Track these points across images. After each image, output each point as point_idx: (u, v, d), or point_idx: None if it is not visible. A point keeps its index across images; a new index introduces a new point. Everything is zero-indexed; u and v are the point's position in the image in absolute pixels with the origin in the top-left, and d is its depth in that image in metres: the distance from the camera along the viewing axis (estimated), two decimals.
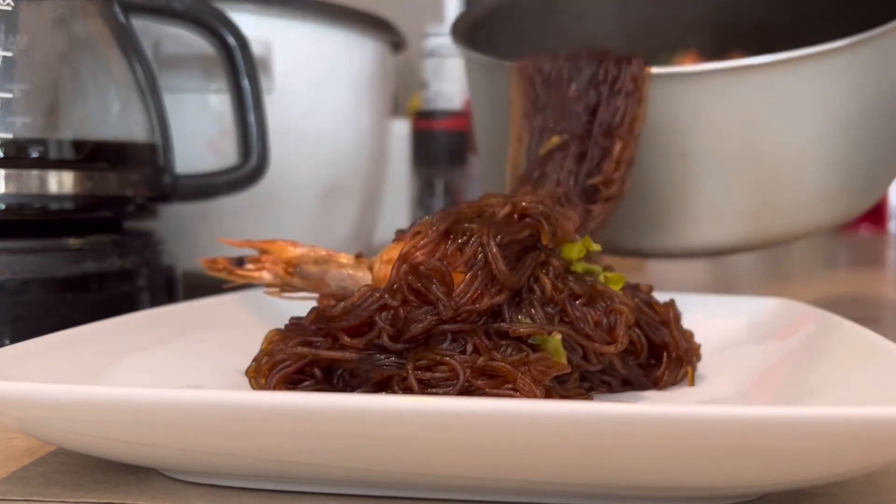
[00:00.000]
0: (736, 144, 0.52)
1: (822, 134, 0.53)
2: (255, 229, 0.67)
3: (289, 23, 0.67)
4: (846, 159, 0.55)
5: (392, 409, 0.23)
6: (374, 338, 0.33)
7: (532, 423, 0.22)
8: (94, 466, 0.29)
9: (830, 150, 0.54)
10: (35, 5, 0.47)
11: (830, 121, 0.53)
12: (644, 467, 0.23)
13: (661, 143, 0.52)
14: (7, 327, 0.45)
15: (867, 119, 0.54)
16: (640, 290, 0.40)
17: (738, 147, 0.53)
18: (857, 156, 0.55)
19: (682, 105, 0.52)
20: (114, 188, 0.50)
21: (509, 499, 0.26)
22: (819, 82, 0.52)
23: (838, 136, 0.54)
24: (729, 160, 0.53)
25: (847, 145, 0.54)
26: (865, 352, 0.33)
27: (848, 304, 0.70)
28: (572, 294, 0.34)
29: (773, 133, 0.52)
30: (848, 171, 0.55)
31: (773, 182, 0.54)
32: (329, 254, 0.39)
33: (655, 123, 0.51)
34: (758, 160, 0.53)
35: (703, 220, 0.54)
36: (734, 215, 0.54)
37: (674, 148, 0.52)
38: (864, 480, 0.28)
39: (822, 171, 0.54)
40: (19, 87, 0.46)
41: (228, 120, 0.61)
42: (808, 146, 0.53)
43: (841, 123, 0.53)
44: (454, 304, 0.32)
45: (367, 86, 0.72)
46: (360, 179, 0.73)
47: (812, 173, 0.54)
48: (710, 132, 0.52)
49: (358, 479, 0.26)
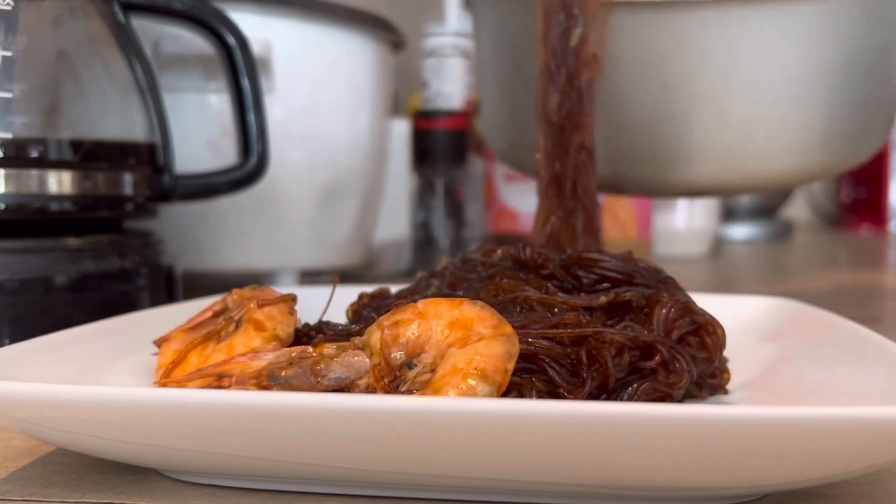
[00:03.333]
0: (714, 78, 0.53)
1: (800, 77, 0.53)
2: (255, 229, 0.67)
3: (289, 23, 0.67)
4: (826, 109, 0.55)
5: (392, 409, 0.23)
6: None
7: (532, 423, 0.22)
8: (93, 467, 0.29)
9: (809, 96, 0.54)
10: (35, 5, 0.47)
11: (810, 65, 0.53)
12: (644, 467, 0.23)
13: (642, 73, 0.53)
14: (6, 327, 0.45)
15: (850, 71, 0.55)
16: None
17: (716, 81, 0.53)
18: (838, 108, 0.55)
19: (662, 34, 0.52)
20: (113, 188, 0.50)
21: (509, 499, 0.26)
22: (800, 24, 0.52)
23: (818, 83, 0.54)
24: (707, 94, 0.53)
25: (827, 95, 0.54)
26: (865, 352, 0.33)
27: (848, 303, 0.70)
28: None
29: (751, 69, 0.53)
30: (828, 122, 0.55)
31: (750, 121, 0.54)
32: (302, 350, 0.31)
33: (636, 53, 0.52)
34: (735, 96, 0.53)
35: (680, 155, 0.55)
36: (712, 153, 0.55)
37: (654, 78, 0.53)
38: (864, 480, 0.28)
39: (799, 117, 0.54)
40: (19, 86, 0.46)
41: (228, 120, 0.61)
42: (786, 88, 0.54)
43: (821, 70, 0.54)
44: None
45: (367, 86, 0.72)
46: (359, 179, 0.73)
47: (789, 117, 0.54)
48: (689, 63, 0.52)
49: (358, 479, 0.26)
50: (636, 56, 0.52)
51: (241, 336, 0.35)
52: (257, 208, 0.66)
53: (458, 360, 0.28)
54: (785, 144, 0.55)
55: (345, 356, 0.30)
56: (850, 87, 0.55)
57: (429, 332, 0.29)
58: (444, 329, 0.29)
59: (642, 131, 0.55)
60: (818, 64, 0.54)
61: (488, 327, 0.29)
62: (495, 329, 0.29)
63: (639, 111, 0.54)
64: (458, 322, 0.29)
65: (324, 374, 0.29)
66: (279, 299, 0.36)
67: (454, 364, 0.28)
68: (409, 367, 0.28)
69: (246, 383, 0.30)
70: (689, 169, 0.56)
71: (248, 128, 0.58)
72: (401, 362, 0.29)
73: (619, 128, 0.54)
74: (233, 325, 0.36)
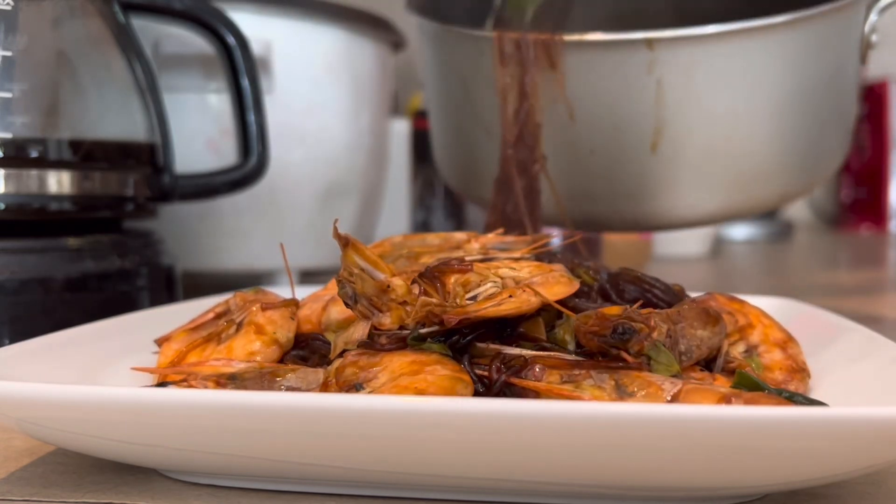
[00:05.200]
0: (669, 115, 0.53)
1: (755, 109, 0.53)
2: (255, 229, 0.67)
3: (289, 23, 0.66)
4: (782, 140, 0.55)
5: (391, 409, 0.23)
6: None
7: (532, 424, 0.22)
8: (93, 467, 0.29)
9: (764, 128, 0.54)
10: (35, 5, 0.47)
11: (765, 98, 0.53)
12: (644, 467, 0.23)
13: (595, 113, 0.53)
14: (6, 327, 0.45)
15: (804, 100, 0.55)
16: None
17: (671, 118, 0.53)
18: (794, 138, 0.55)
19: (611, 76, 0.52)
20: (113, 188, 0.50)
21: (509, 499, 0.26)
22: (753, 57, 0.52)
23: (773, 115, 0.54)
24: (660, 133, 0.53)
25: (783, 126, 0.54)
26: (866, 351, 0.33)
27: (848, 303, 0.70)
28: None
29: (706, 105, 0.53)
30: (784, 152, 0.55)
31: (706, 155, 0.54)
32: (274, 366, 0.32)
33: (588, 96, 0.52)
34: (691, 130, 0.53)
35: (640, 191, 0.55)
36: (671, 188, 0.55)
37: (605, 119, 0.53)
38: (864, 480, 0.28)
39: (755, 148, 0.54)
40: (19, 86, 0.46)
41: (228, 120, 0.61)
42: (741, 121, 0.54)
43: (776, 102, 0.54)
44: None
45: (366, 85, 0.72)
46: (360, 179, 0.73)
47: (744, 149, 0.54)
48: (640, 104, 0.52)
49: (357, 479, 0.26)
50: (588, 96, 0.52)
51: (241, 339, 0.35)
52: (257, 208, 0.66)
53: (403, 380, 0.29)
54: (742, 177, 0.55)
55: (302, 371, 0.31)
56: (806, 114, 0.55)
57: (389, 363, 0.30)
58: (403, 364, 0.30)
59: (597, 169, 0.55)
60: (773, 95, 0.54)
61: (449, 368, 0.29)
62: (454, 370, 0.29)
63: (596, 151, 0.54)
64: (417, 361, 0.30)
65: (279, 383, 0.31)
66: (282, 304, 0.36)
67: (397, 383, 0.28)
68: (356, 389, 0.29)
69: (206, 381, 0.32)
70: (649, 204, 0.56)
71: (248, 128, 0.58)
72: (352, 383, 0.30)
73: (575, 166, 0.55)
74: (234, 328, 0.36)
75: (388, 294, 0.30)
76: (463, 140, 0.60)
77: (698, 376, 0.31)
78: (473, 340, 0.31)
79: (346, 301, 0.31)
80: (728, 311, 0.37)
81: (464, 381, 0.29)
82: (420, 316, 0.29)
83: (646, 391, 0.28)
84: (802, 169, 0.57)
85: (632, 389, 0.28)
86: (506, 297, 0.30)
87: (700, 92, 0.52)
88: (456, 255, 0.38)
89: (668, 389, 0.27)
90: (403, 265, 0.38)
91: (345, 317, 0.35)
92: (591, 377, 0.28)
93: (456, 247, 0.39)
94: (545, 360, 0.29)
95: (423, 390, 0.27)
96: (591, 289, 0.37)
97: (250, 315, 0.35)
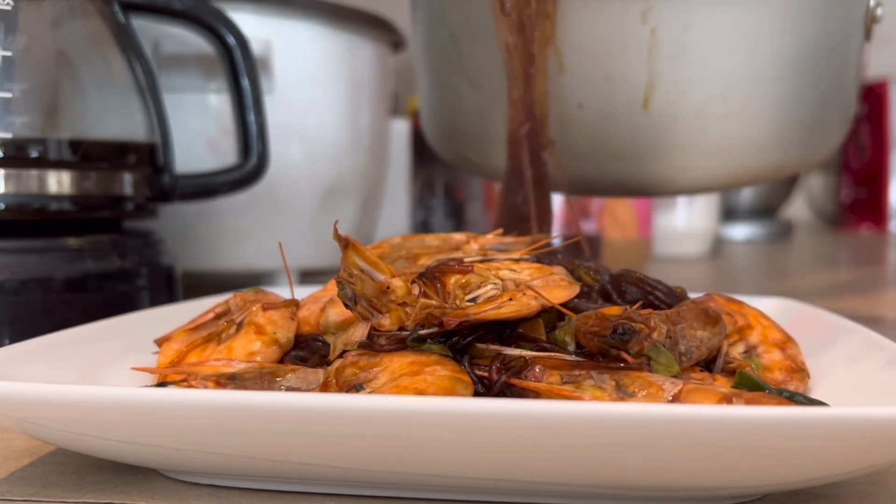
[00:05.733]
0: (661, 70, 0.50)
1: (753, 71, 0.51)
2: (255, 229, 0.67)
3: (289, 23, 0.66)
4: (779, 106, 0.52)
5: (392, 409, 0.23)
6: None
7: (532, 424, 0.22)
8: (93, 467, 0.29)
9: (761, 91, 0.51)
10: (35, 5, 0.47)
11: (763, 59, 0.51)
12: (644, 467, 0.23)
13: (586, 63, 0.50)
14: (6, 327, 0.45)
15: (805, 66, 0.52)
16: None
17: (664, 74, 0.50)
18: (792, 105, 0.53)
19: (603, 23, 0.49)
20: (113, 188, 0.50)
21: (509, 499, 0.26)
22: (754, 14, 0.50)
23: (771, 78, 0.51)
24: (653, 88, 0.50)
25: (781, 91, 0.52)
26: (865, 351, 0.33)
27: (848, 303, 0.70)
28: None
29: (702, 60, 0.50)
30: (781, 119, 0.53)
31: (699, 117, 0.51)
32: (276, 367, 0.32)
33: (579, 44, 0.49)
34: (685, 87, 0.51)
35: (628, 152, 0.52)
36: (660, 149, 0.52)
37: (595, 70, 0.50)
38: (864, 481, 0.28)
39: (751, 114, 0.52)
40: (19, 86, 0.46)
41: (228, 120, 0.61)
42: (737, 80, 0.51)
43: (775, 64, 0.51)
44: None
45: (366, 85, 0.72)
46: (360, 179, 0.73)
47: (740, 113, 0.52)
48: (634, 54, 0.50)
49: (357, 479, 0.26)
50: (579, 46, 0.49)
51: (241, 339, 0.35)
52: (257, 208, 0.66)
53: (403, 381, 0.29)
54: (736, 142, 0.52)
55: (302, 371, 0.31)
56: (805, 83, 0.53)
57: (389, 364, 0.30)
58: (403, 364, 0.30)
59: (585, 125, 0.52)
60: (772, 58, 0.51)
61: (449, 369, 0.29)
62: (454, 370, 0.29)
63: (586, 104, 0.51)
64: (417, 361, 0.30)
65: (279, 383, 0.31)
66: (282, 304, 0.36)
67: (397, 383, 0.29)
68: (356, 389, 0.29)
69: (206, 382, 0.32)
70: (638, 166, 0.53)
71: (248, 128, 0.58)
72: (352, 383, 0.30)
73: (560, 120, 0.51)
74: (234, 328, 0.36)
75: (387, 295, 0.30)
76: (447, 95, 0.58)
77: (698, 377, 0.31)
78: (473, 341, 0.31)
79: (345, 302, 0.31)
80: (727, 312, 0.37)
81: (464, 381, 0.29)
82: (420, 318, 0.29)
83: (646, 391, 0.27)
84: (800, 140, 0.54)
85: (632, 390, 0.28)
86: (506, 300, 0.30)
87: (695, 46, 0.50)
88: (455, 255, 0.38)
89: (668, 390, 0.27)
90: (402, 266, 0.38)
91: (343, 319, 0.35)
92: (592, 377, 0.28)
93: (455, 248, 0.39)
94: (545, 361, 0.29)
95: (424, 391, 0.27)
96: (591, 289, 0.37)
97: (250, 315, 0.36)
